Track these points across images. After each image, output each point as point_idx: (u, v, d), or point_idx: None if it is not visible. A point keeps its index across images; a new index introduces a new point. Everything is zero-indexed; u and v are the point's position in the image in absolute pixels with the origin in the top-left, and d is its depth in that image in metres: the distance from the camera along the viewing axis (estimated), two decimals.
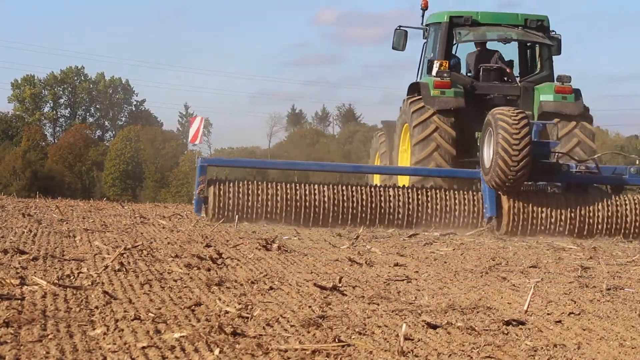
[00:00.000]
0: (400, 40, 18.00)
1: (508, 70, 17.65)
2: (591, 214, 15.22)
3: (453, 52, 17.97)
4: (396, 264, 11.03)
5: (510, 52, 18.39)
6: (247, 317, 7.07)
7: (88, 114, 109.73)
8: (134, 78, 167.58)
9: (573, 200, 15.46)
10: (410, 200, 15.67)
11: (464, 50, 18.29)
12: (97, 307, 7.22)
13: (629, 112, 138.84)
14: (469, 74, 17.91)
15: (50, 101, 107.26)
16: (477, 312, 7.84)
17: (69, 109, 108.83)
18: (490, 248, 13.71)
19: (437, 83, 16.74)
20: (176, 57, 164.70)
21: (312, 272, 10.09)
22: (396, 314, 7.64)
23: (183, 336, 6.23)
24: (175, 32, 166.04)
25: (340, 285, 8.91)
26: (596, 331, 7.24)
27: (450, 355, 6.26)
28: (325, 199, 15.62)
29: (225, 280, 9.04)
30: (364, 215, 15.71)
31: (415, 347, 6.40)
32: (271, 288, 8.74)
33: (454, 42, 17.64)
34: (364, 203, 15.70)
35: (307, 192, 15.63)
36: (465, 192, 15.78)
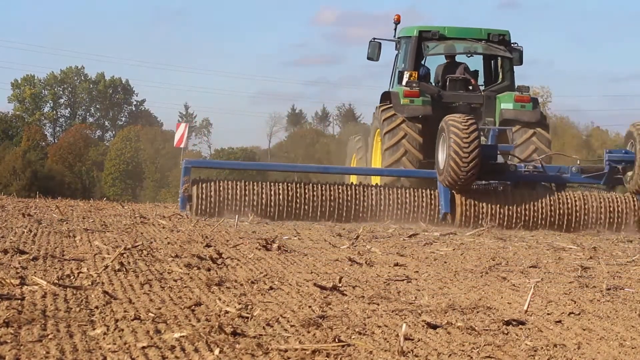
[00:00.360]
0: (374, 51, 19.59)
1: (473, 80, 19.14)
2: (535, 209, 16.75)
3: (423, 63, 19.37)
4: (396, 264, 11.03)
5: (475, 63, 19.84)
6: (247, 317, 7.07)
7: (88, 114, 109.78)
8: (134, 78, 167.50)
9: (518, 197, 17.02)
10: (366, 197, 17.28)
11: (435, 61, 19.65)
12: (97, 307, 7.22)
13: (629, 112, 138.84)
14: (437, 84, 19.36)
15: (50, 101, 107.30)
16: (477, 312, 7.84)
17: (69, 109, 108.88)
18: (490, 248, 13.71)
19: (407, 92, 18.25)
20: (176, 57, 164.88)
21: (312, 272, 10.10)
22: (396, 314, 7.64)
23: (183, 336, 6.23)
24: (175, 32, 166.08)
25: (340, 285, 8.91)
26: (596, 331, 7.24)
27: (450, 355, 6.26)
28: (290, 196, 17.23)
29: (225, 280, 9.04)
30: (323, 210, 17.31)
31: (415, 347, 6.40)
32: (271, 288, 8.74)
33: (423, 54, 19.17)
34: (323, 199, 17.28)
35: (274, 191, 17.24)
36: (423, 190, 17.33)
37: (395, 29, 19.68)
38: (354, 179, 19.37)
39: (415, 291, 9.01)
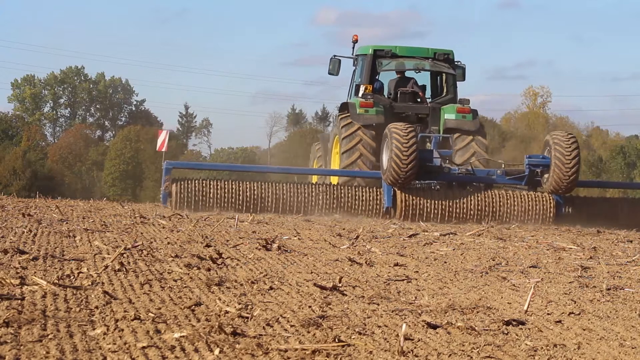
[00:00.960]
0: (335, 67, 22.38)
1: (420, 93, 21.83)
2: (465, 205, 19.34)
3: (377, 78, 22.02)
4: (396, 264, 11.03)
5: (423, 79, 22.59)
6: (247, 317, 7.07)
7: (88, 114, 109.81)
8: (134, 78, 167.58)
9: (451, 194, 19.63)
10: (315, 194, 19.72)
11: (387, 76, 22.38)
12: (97, 307, 7.22)
13: (629, 112, 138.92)
14: (389, 96, 21.99)
15: (50, 101, 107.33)
16: (477, 312, 7.84)
17: (69, 109, 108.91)
18: (490, 248, 13.71)
19: (362, 103, 20.95)
20: (176, 57, 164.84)
21: (312, 272, 10.10)
22: (396, 314, 7.64)
23: (183, 336, 6.23)
24: (175, 32, 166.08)
25: (340, 285, 8.91)
26: (596, 331, 7.24)
27: (450, 355, 6.26)
28: (249, 193, 19.83)
29: (225, 280, 9.04)
30: (277, 205, 19.80)
31: (415, 347, 6.40)
32: (271, 288, 8.75)
33: (377, 70, 21.83)
34: (276, 196, 19.83)
35: (236, 188, 19.86)
36: (370, 189, 19.82)
37: (353, 48, 22.36)
38: (315, 179, 22.32)
39: (415, 291, 9.01)
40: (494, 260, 11.97)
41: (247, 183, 20.05)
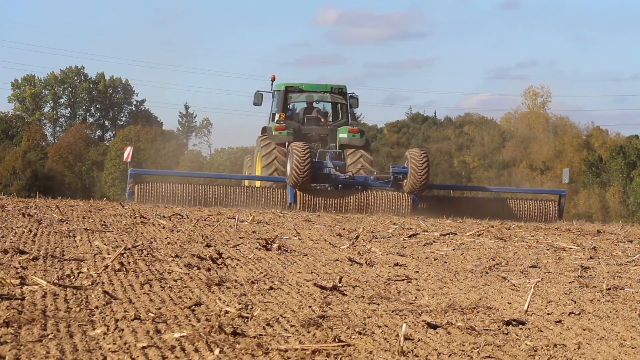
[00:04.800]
0: (259, 99, 28.68)
1: (322, 119, 28.24)
2: (346, 200, 25.28)
3: (289, 107, 28.43)
4: (396, 264, 11.03)
5: (325, 107, 29.57)
6: (247, 317, 7.07)
7: (88, 114, 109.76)
8: (134, 78, 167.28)
9: (336, 193, 25.74)
10: (242, 193, 25.68)
11: (297, 106, 28.85)
12: (97, 307, 7.22)
13: (629, 112, 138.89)
14: (298, 121, 28.17)
15: (50, 101, 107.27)
16: (477, 312, 7.84)
17: (69, 109, 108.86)
18: (490, 248, 13.71)
19: (277, 127, 27.13)
20: (176, 57, 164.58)
21: (312, 272, 10.10)
22: (396, 314, 7.64)
23: (183, 336, 6.23)
24: (175, 32, 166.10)
25: (340, 285, 8.91)
26: (596, 331, 7.24)
27: (450, 355, 6.26)
28: (190, 192, 25.53)
29: (225, 280, 9.04)
30: (218, 201, 25.30)
31: (415, 347, 6.40)
32: (271, 288, 8.75)
33: (289, 101, 28.34)
34: (213, 194, 25.59)
35: (185, 189, 25.44)
36: (279, 189, 25.69)
37: (271, 85, 28.75)
38: (246, 182, 28.70)
39: (415, 291, 9.01)
40: (494, 260, 11.97)
41: (191, 185, 25.79)
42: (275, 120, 27.77)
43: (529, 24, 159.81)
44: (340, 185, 26.31)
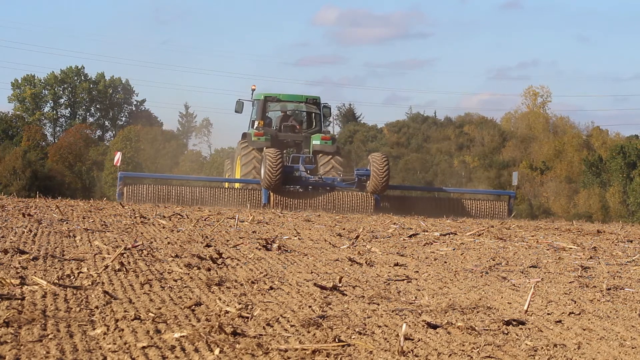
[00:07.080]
0: (240, 107, 30.61)
1: (297, 126, 30.34)
2: (315, 200, 27.07)
3: (268, 115, 30.67)
4: (396, 264, 11.03)
5: (301, 115, 32.02)
6: (247, 317, 7.07)
7: (88, 114, 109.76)
8: (134, 78, 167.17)
9: (306, 194, 27.69)
10: (219, 194, 27.73)
11: (275, 114, 31.03)
12: (97, 307, 7.22)
13: (629, 112, 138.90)
14: (276, 128, 30.42)
15: (50, 101, 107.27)
16: (477, 312, 7.84)
17: (69, 109, 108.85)
18: (490, 248, 13.71)
19: (256, 133, 29.26)
20: (176, 57, 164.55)
21: (312, 272, 10.10)
22: (396, 314, 7.64)
23: (183, 336, 6.23)
24: (175, 32, 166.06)
25: (340, 285, 8.91)
26: (596, 331, 7.25)
27: (450, 355, 6.26)
28: (185, 193, 27.67)
29: (225, 280, 9.04)
30: (197, 200, 27.33)
31: (415, 347, 6.40)
32: (271, 288, 8.75)
33: (267, 110, 30.57)
34: (194, 195, 27.73)
35: (167, 190, 27.39)
36: (256, 191, 27.74)
37: (252, 94, 30.89)
38: (227, 184, 30.62)
39: (415, 291, 9.01)
40: (494, 260, 11.97)
41: (173, 186, 27.89)
42: (254, 127, 30.11)
43: (529, 24, 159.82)
44: (310, 187, 28.43)
